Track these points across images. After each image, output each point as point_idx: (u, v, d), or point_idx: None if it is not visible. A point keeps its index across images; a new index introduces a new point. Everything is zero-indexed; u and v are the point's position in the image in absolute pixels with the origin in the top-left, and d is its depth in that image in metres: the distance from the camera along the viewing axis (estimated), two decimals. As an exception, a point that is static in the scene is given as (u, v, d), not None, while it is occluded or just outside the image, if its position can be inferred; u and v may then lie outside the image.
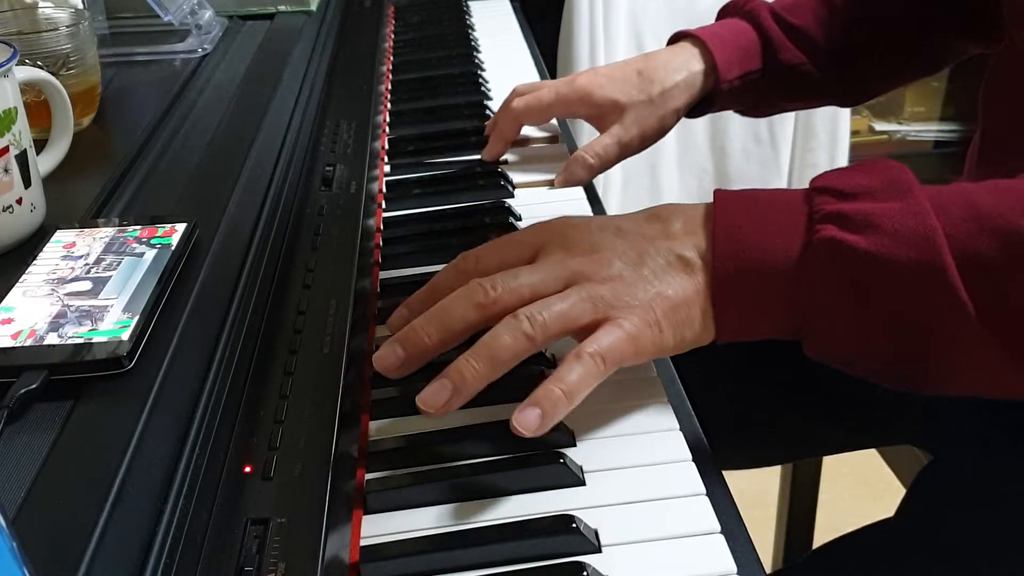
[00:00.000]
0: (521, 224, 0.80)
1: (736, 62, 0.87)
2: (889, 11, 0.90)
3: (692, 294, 0.56)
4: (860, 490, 1.57)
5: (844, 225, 0.53)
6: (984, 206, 0.52)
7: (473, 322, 0.57)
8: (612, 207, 1.90)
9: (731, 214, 0.57)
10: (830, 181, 0.55)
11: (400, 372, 0.58)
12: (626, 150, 0.87)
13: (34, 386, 0.49)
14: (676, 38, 0.91)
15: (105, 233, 0.62)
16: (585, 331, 0.56)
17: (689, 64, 0.87)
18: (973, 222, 0.51)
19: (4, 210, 0.63)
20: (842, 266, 0.53)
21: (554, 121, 0.98)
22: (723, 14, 0.93)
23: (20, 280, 0.57)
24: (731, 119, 2.04)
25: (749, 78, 0.88)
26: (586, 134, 0.95)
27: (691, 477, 0.54)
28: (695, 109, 0.90)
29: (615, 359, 0.55)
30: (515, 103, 0.89)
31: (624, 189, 2.03)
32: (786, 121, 2.06)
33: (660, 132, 0.88)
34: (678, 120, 0.89)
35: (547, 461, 0.54)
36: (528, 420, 0.53)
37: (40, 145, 0.71)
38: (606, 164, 0.86)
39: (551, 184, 0.87)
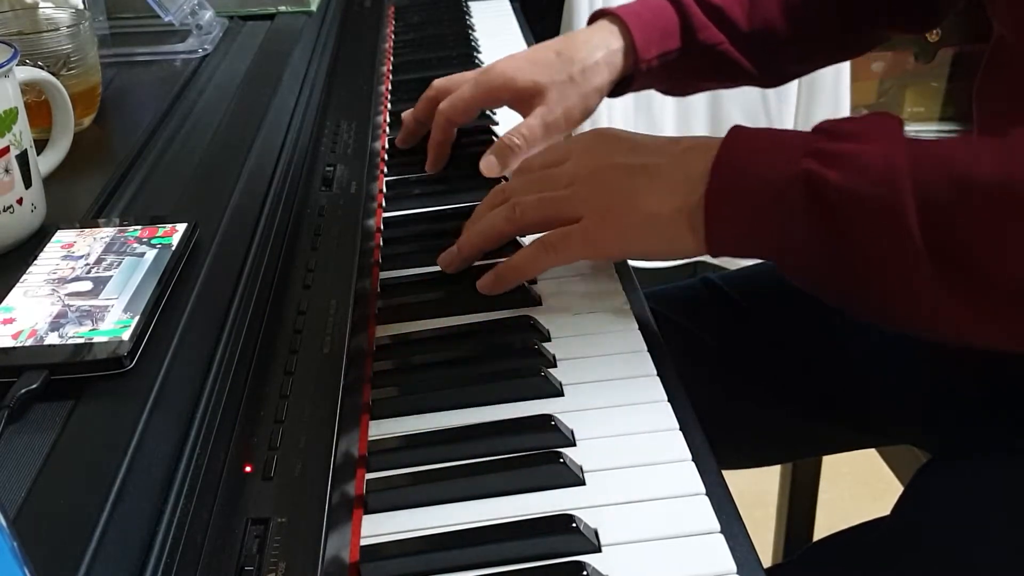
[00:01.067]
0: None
1: (655, 41, 0.86)
2: None
3: (672, 210, 0.63)
4: (860, 490, 1.57)
5: (823, 160, 0.58)
6: (954, 154, 0.57)
7: (505, 232, 0.70)
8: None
9: (736, 142, 0.63)
10: (828, 123, 0.61)
11: (456, 268, 0.72)
12: (551, 130, 0.85)
13: (35, 386, 0.49)
14: (595, 16, 0.90)
15: (106, 233, 0.62)
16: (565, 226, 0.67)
17: (608, 42, 0.86)
18: (940, 167, 0.56)
19: (5, 210, 0.63)
20: (815, 196, 0.58)
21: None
22: None
23: (21, 280, 0.57)
24: (731, 114, 2.04)
25: (667, 57, 0.87)
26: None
27: (691, 477, 0.54)
28: (616, 88, 0.89)
29: (566, 253, 0.67)
30: (441, 107, 0.87)
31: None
32: (786, 121, 2.06)
33: (585, 111, 0.87)
34: (601, 98, 0.88)
35: (547, 461, 0.55)
36: (484, 283, 0.69)
37: (40, 145, 0.71)
38: (532, 146, 0.85)
39: None
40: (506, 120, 0.90)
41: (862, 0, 0.90)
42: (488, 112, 0.89)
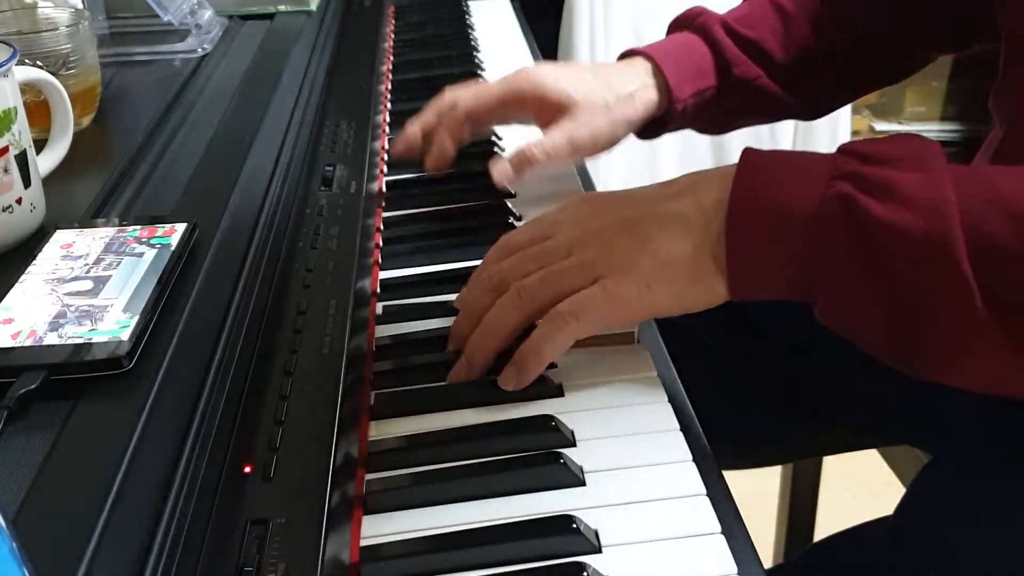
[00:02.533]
0: (519, 224, 0.80)
1: (689, 80, 0.82)
2: (850, 20, 0.85)
3: (688, 251, 0.57)
4: (860, 490, 1.57)
5: (860, 186, 0.52)
6: (1005, 188, 0.51)
7: (519, 322, 0.61)
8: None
9: (752, 168, 0.57)
10: (856, 146, 0.55)
11: (472, 378, 0.62)
12: (577, 151, 0.80)
13: (34, 386, 0.49)
14: (625, 55, 0.85)
15: (105, 233, 0.62)
16: None
17: (642, 78, 0.81)
18: (991, 202, 0.50)
19: (4, 210, 0.63)
20: (853, 225, 0.52)
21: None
22: (673, 27, 0.88)
23: (20, 280, 0.57)
24: (731, 119, 2.04)
25: (704, 95, 0.83)
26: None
27: (691, 477, 0.54)
28: (648, 129, 0.84)
29: (589, 316, 0.58)
30: (460, 100, 0.82)
31: (623, 184, 2.03)
32: (786, 122, 2.06)
33: (611, 140, 0.81)
34: (628, 132, 0.82)
35: (547, 461, 0.54)
36: (507, 377, 0.59)
37: (40, 145, 0.71)
38: (554, 162, 0.79)
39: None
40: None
41: (898, 26, 0.86)
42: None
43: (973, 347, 0.51)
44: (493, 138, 0.94)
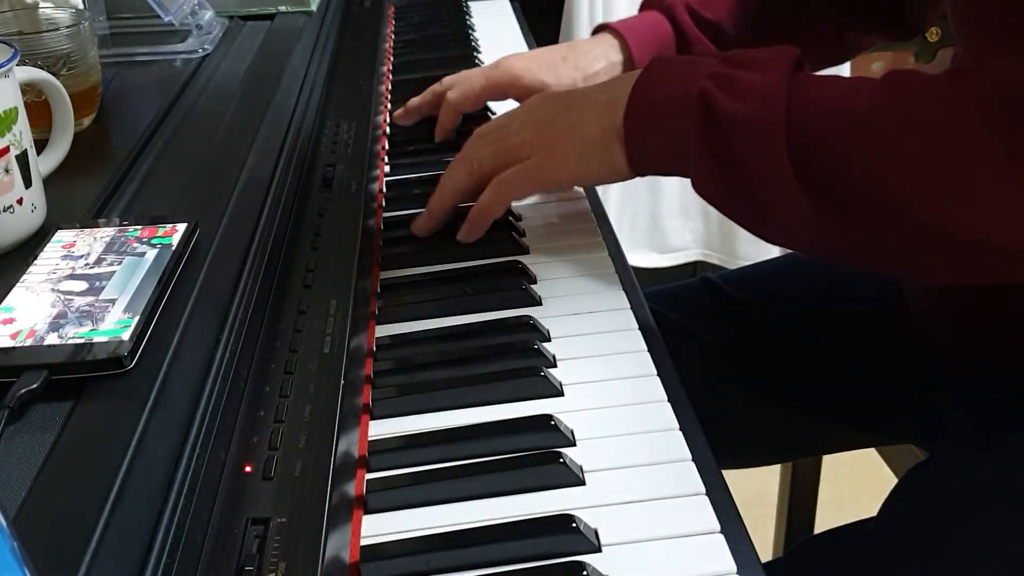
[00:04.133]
0: (520, 223, 0.80)
1: (651, 54, 0.90)
2: (798, 4, 0.93)
3: (599, 131, 0.71)
4: (860, 490, 1.57)
5: (718, 82, 0.65)
6: (831, 91, 0.63)
7: (465, 183, 0.76)
8: (611, 204, 1.90)
9: (656, 65, 0.70)
10: (733, 52, 0.68)
11: (427, 231, 0.78)
12: None
13: (34, 386, 0.49)
14: (598, 30, 0.95)
15: (106, 233, 0.62)
16: None
17: (608, 55, 0.92)
18: (816, 100, 0.62)
19: (5, 210, 0.63)
20: (705, 114, 0.65)
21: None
22: (645, 6, 0.97)
23: (21, 280, 0.57)
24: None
25: None
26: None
27: (691, 477, 0.54)
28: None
29: (520, 180, 0.74)
30: (450, 95, 0.93)
31: (623, 185, 2.03)
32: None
33: None
34: None
35: (547, 461, 0.55)
36: (461, 231, 0.76)
37: (40, 145, 0.71)
38: None
39: None
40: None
41: (842, 11, 0.93)
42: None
43: (790, 212, 0.63)
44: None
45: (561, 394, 0.61)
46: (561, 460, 0.54)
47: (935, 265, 0.64)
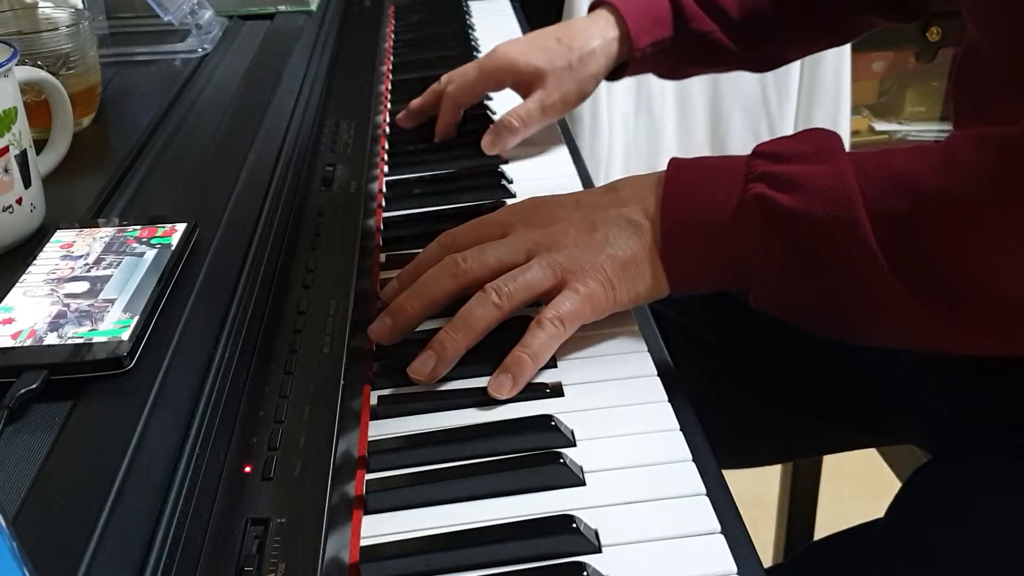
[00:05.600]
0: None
1: (648, 30, 0.90)
2: None
3: (640, 252, 0.63)
4: (860, 490, 1.57)
5: (773, 184, 0.59)
6: (899, 167, 0.58)
7: (449, 291, 0.64)
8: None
9: (678, 177, 0.64)
10: (767, 147, 0.63)
11: (391, 340, 0.65)
12: (549, 113, 0.91)
13: (34, 386, 0.49)
14: (594, 6, 0.94)
15: (105, 233, 0.62)
16: (548, 296, 0.63)
17: (604, 32, 0.91)
18: (887, 181, 0.57)
19: (4, 210, 0.63)
20: (770, 220, 0.59)
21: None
22: None
23: (20, 280, 0.57)
24: (731, 114, 2.04)
25: (660, 45, 0.91)
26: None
27: (691, 477, 0.54)
28: (613, 73, 0.94)
29: (573, 320, 0.63)
30: (448, 90, 0.94)
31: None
32: (786, 120, 2.06)
33: (580, 96, 0.92)
34: (597, 84, 0.92)
35: (547, 461, 0.54)
36: (501, 385, 0.61)
37: (40, 145, 0.71)
38: (530, 127, 0.91)
39: None
40: (503, 101, 0.98)
41: None
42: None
43: (887, 310, 0.58)
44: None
45: (561, 394, 0.61)
46: (561, 460, 0.54)
47: None
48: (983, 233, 0.55)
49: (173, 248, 0.60)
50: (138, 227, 0.63)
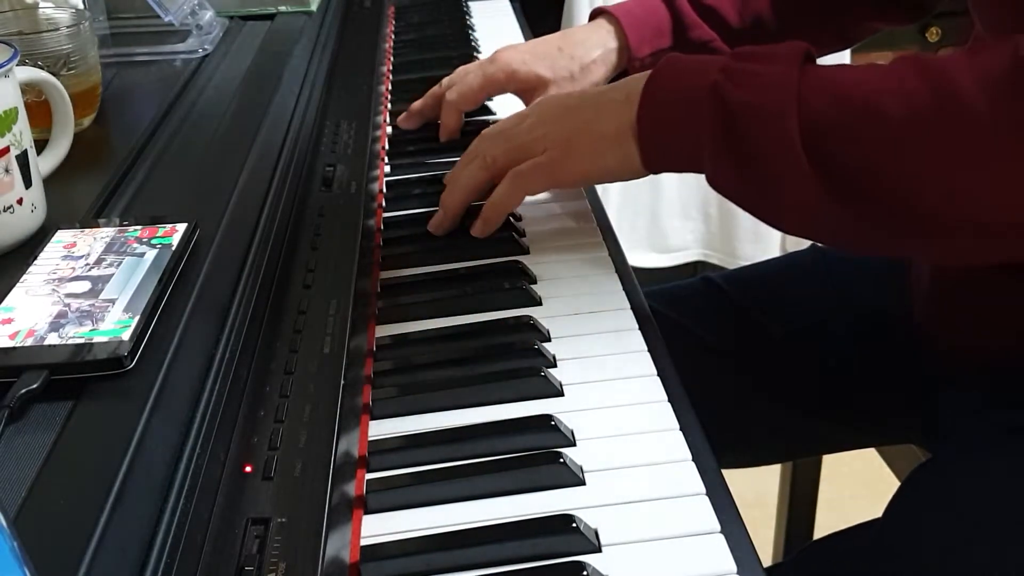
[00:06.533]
0: (520, 223, 0.80)
1: (647, 40, 0.92)
2: None
3: (614, 128, 0.71)
4: (860, 490, 1.57)
5: (729, 75, 0.65)
6: (840, 77, 0.63)
7: (480, 179, 0.76)
8: (611, 204, 1.90)
9: (666, 65, 0.70)
10: (743, 48, 0.68)
11: (442, 230, 0.78)
12: None
13: (35, 386, 0.49)
14: (594, 15, 0.95)
15: (106, 233, 0.62)
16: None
17: (605, 41, 0.92)
18: (825, 88, 0.62)
19: (5, 210, 0.63)
20: (717, 105, 0.65)
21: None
22: None
23: (21, 280, 0.57)
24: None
25: (660, 56, 0.91)
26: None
27: (691, 477, 0.54)
28: (613, 82, 0.94)
29: (535, 176, 0.74)
30: (449, 96, 0.94)
31: (624, 185, 2.03)
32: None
33: None
34: None
35: (547, 461, 0.55)
36: (474, 227, 0.76)
37: (41, 145, 0.71)
38: None
39: None
40: (504, 104, 0.99)
41: None
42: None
43: (803, 200, 0.63)
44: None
45: (561, 394, 0.61)
46: (561, 460, 0.54)
47: (942, 247, 0.64)
48: (883, 133, 0.60)
49: (174, 248, 0.60)
50: (139, 227, 0.63)
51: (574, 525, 0.50)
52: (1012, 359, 0.75)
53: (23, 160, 0.63)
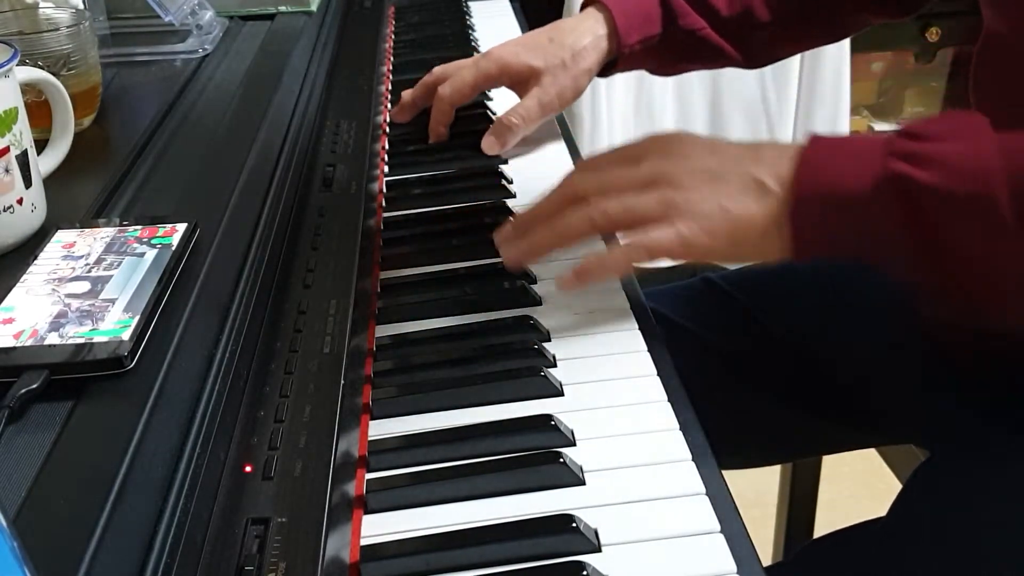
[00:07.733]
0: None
1: (637, 27, 0.91)
2: None
3: (757, 215, 0.63)
4: (860, 490, 1.57)
5: (913, 162, 0.58)
6: None
7: (583, 232, 0.67)
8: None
9: (816, 149, 0.63)
10: (910, 126, 0.61)
11: (517, 262, 0.70)
12: (547, 109, 0.93)
13: (35, 386, 0.49)
14: (585, 4, 0.95)
15: (106, 233, 0.62)
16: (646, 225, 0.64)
17: (594, 29, 0.92)
18: None
19: (5, 210, 0.63)
20: (907, 197, 0.57)
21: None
22: None
23: (21, 280, 0.57)
24: (731, 114, 2.04)
25: (650, 42, 0.92)
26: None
27: (691, 477, 0.54)
28: (604, 69, 0.95)
29: (658, 253, 0.64)
30: (441, 91, 0.94)
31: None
32: (786, 121, 2.06)
33: (576, 91, 0.93)
34: (591, 79, 0.94)
35: (547, 461, 0.55)
36: (565, 280, 0.67)
37: (41, 145, 0.71)
38: (530, 124, 0.92)
39: None
40: (500, 98, 1.00)
41: None
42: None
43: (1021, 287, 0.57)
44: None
45: (561, 394, 0.61)
46: (561, 460, 0.54)
47: None
48: None
49: (174, 248, 0.60)
50: (139, 227, 0.63)
51: (574, 525, 0.50)
52: (1013, 359, 0.75)
53: (23, 160, 0.63)
